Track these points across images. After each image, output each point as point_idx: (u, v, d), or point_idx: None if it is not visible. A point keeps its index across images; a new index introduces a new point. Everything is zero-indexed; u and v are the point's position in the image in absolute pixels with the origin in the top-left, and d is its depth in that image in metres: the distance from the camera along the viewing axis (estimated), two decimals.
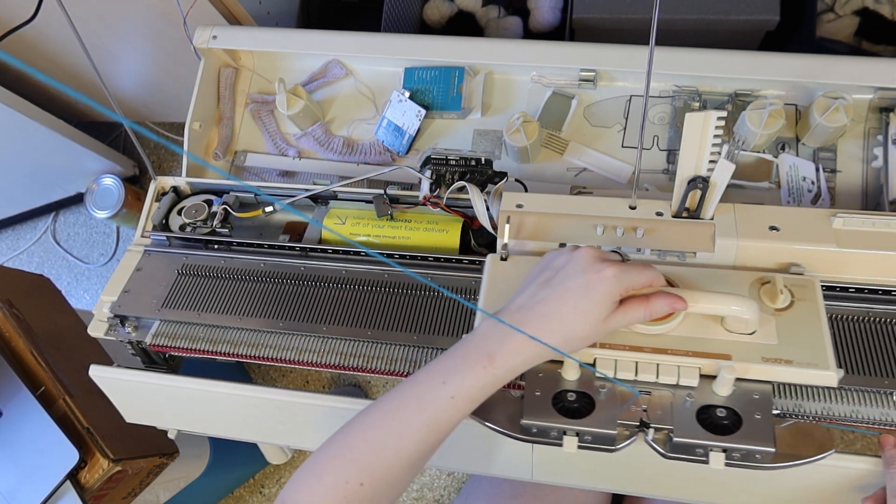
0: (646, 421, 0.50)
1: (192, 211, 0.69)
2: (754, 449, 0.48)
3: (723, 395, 0.50)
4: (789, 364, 0.49)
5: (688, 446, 0.49)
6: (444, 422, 0.47)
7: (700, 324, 0.52)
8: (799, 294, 0.53)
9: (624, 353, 0.51)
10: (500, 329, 0.47)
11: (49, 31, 1.11)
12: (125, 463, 0.83)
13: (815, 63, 0.66)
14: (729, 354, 0.50)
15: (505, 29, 0.99)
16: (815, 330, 0.51)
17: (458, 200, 0.63)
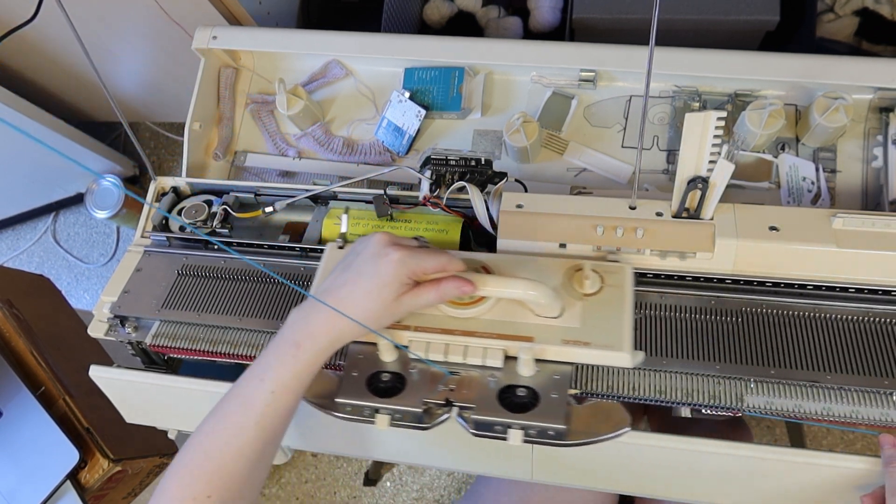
0: (451, 400, 0.52)
1: (192, 211, 0.69)
2: (547, 426, 0.50)
3: (525, 375, 0.53)
4: (587, 346, 0.52)
5: (488, 424, 0.51)
6: (272, 416, 0.49)
7: (510, 309, 0.54)
8: (609, 280, 0.55)
9: (436, 336, 0.54)
10: (303, 316, 0.50)
11: (49, 31, 1.11)
12: (125, 463, 0.83)
13: (815, 63, 0.66)
14: (532, 337, 0.53)
15: (505, 29, 1.00)
16: (617, 314, 0.53)
17: (458, 201, 0.63)
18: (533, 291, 0.51)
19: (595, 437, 0.51)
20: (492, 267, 0.57)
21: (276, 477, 1.31)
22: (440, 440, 0.62)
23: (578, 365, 0.54)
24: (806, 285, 0.56)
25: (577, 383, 0.54)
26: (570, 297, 0.54)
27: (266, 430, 0.49)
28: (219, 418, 0.50)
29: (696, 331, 0.55)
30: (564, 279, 0.56)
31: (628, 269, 0.56)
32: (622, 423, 0.52)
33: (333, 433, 0.65)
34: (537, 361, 0.53)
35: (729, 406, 0.52)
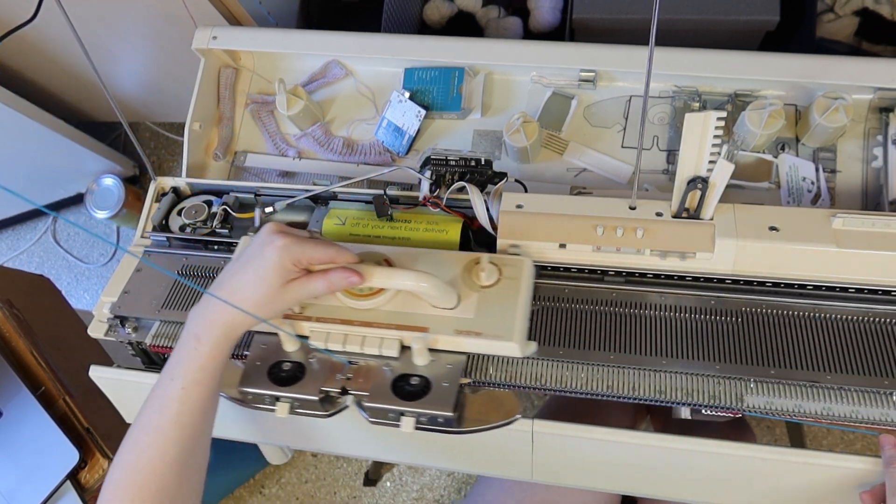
0: (347, 388, 0.54)
1: (192, 211, 0.69)
2: (437, 413, 0.52)
3: (420, 364, 0.54)
4: (478, 336, 0.53)
5: (382, 411, 0.53)
6: (188, 413, 0.50)
7: (408, 301, 0.56)
8: (508, 272, 0.56)
9: (336, 327, 0.55)
10: (201, 310, 0.52)
11: (49, 31, 1.11)
12: None
13: (815, 63, 0.66)
14: (426, 327, 0.54)
15: (505, 29, 0.99)
16: (511, 305, 0.54)
17: (458, 201, 0.63)
18: (424, 283, 0.52)
19: (486, 424, 0.53)
20: (394, 260, 0.58)
21: (276, 477, 1.32)
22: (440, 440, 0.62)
23: (472, 355, 0.56)
24: (806, 285, 0.56)
25: (473, 373, 0.55)
26: (467, 289, 0.56)
27: (185, 428, 0.50)
28: (139, 426, 0.50)
29: (695, 331, 0.55)
30: (464, 272, 0.57)
31: (527, 261, 0.57)
32: (513, 411, 0.54)
33: (333, 433, 0.65)
34: (433, 351, 0.55)
35: (729, 406, 0.52)
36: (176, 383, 0.50)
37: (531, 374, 0.55)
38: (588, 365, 0.55)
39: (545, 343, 0.56)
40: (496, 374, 0.55)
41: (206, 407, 0.51)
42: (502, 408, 0.54)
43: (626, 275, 0.59)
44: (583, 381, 0.54)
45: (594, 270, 0.60)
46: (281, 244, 0.50)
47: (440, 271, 0.56)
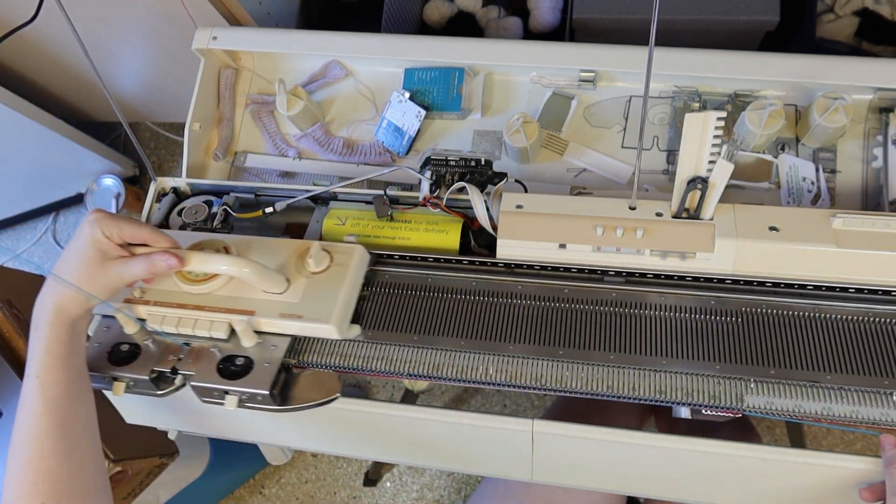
0: (178, 368, 0.58)
1: (192, 212, 0.69)
2: (255, 391, 0.54)
3: (247, 345, 0.57)
4: (300, 318, 0.56)
5: (207, 390, 0.56)
6: (52, 400, 0.51)
7: (241, 286, 0.58)
8: (338, 259, 0.59)
9: (171, 310, 0.58)
10: (37, 303, 0.53)
11: (49, 31, 1.11)
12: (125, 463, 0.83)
13: (815, 63, 0.66)
14: (253, 311, 0.57)
15: (505, 29, 0.99)
16: (335, 290, 0.57)
17: (458, 201, 0.63)
18: (245, 269, 0.55)
19: (307, 402, 0.56)
20: (233, 247, 0.61)
21: (276, 477, 1.32)
22: (440, 440, 0.62)
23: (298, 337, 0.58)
24: (806, 285, 0.56)
25: (299, 354, 0.58)
26: (298, 276, 0.59)
27: (54, 415, 0.51)
28: (14, 431, 0.51)
29: (696, 331, 0.56)
30: (296, 259, 0.60)
31: (359, 249, 0.60)
32: (333, 390, 0.57)
33: (333, 433, 0.65)
34: (261, 334, 0.58)
35: (729, 406, 0.52)
36: (31, 377, 0.51)
37: (531, 374, 0.55)
38: (588, 365, 0.55)
39: (546, 343, 0.56)
40: (496, 375, 0.55)
41: (70, 390, 0.52)
42: (324, 387, 0.57)
43: (626, 275, 0.59)
44: (583, 381, 0.54)
45: (594, 270, 0.60)
46: (92, 218, 0.53)
47: (274, 258, 0.60)
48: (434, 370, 0.57)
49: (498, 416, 0.58)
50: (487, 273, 0.61)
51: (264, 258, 0.59)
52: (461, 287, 0.61)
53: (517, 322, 0.58)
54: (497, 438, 0.59)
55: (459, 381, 0.56)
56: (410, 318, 0.59)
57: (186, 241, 0.62)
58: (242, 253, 0.60)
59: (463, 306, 0.59)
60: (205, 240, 0.62)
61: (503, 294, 0.60)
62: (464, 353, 0.57)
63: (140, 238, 0.55)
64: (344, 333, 0.57)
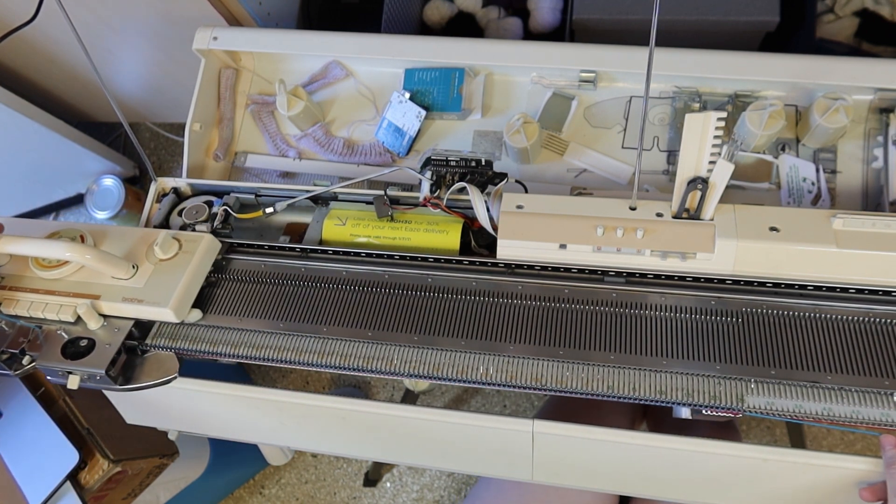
0: (25, 350, 0.60)
1: (193, 212, 0.69)
2: (92, 371, 0.58)
3: (93, 328, 0.60)
4: (140, 303, 0.60)
5: (52, 370, 0.59)
6: None
7: (92, 273, 0.62)
8: (187, 247, 0.63)
9: (24, 295, 0.62)
10: None
11: (49, 31, 1.11)
12: (125, 464, 0.83)
13: (815, 64, 0.66)
14: (99, 295, 0.60)
15: (505, 30, 1.00)
16: (178, 276, 0.61)
17: (459, 201, 0.63)
18: (87, 255, 0.59)
19: (146, 382, 0.60)
20: (88, 235, 0.64)
21: (276, 478, 1.31)
22: (440, 440, 0.62)
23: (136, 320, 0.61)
24: (806, 286, 0.56)
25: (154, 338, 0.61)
26: (147, 263, 0.62)
27: None
28: None
29: (696, 331, 0.56)
30: (147, 247, 0.63)
31: (207, 237, 0.63)
32: (170, 371, 0.61)
33: (333, 434, 0.65)
34: (107, 318, 0.61)
35: (729, 406, 0.52)
36: None
37: (531, 375, 0.55)
38: (588, 365, 0.55)
39: (546, 343, 0.56)
40: (496, 375, 0.55)
41: None
42: (161, 368, 0.61)
43: (627, 275, 0.59)
44: (583, 382, 0.54)
45: (594, 271, 0.60)
46: None
47: (126, 246, 0.63)
48: (434, 370, 0.57)
49: (498, 417, 0.58)
50: (488, 273, 0.61)
51: (116, 246, 0.63)
52: (461, 287, 0.61)
53: (517, 322, 0.58)
54: (497, 439, 0.59)
55: (460, 381, 0.56)
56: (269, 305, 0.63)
57: (48, 228, 0.66)
58: (98, 240, 0.64)
59: (463, 306, 0.59)
60: (63, 228, 0.65)
61: (503, 294, 0.60)
62: (464, 354, 0.57)
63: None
64: (182, 317, 0.60)
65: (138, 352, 0.62)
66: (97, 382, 0.59)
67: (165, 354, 0.61)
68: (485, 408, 1.27)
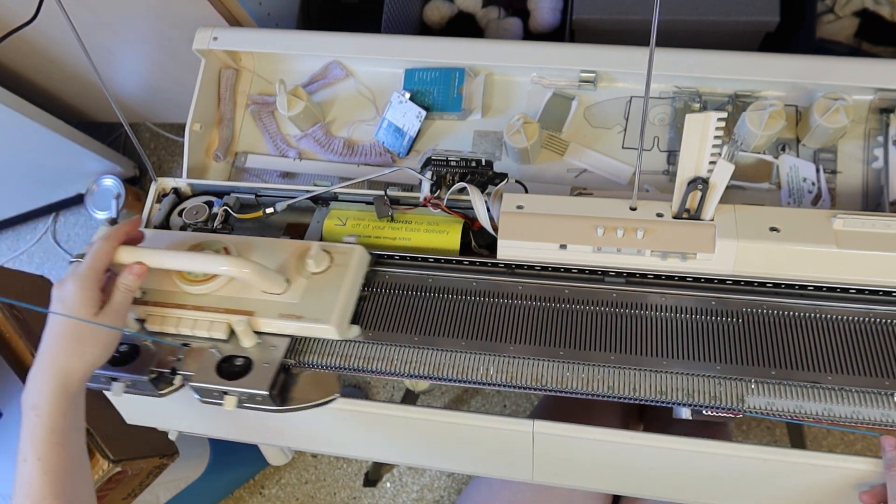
0: (177, 369, 0.57)
1: (193, 212, 0.69)
2: (254, 392, 0.54)
3: (246, 346, 0.57)
4: (299, 319, 0.56)
5: (207, 390, 0.55)
6: (60, 486, 0.49)
7: (241, 286, 0.58)
8: (338, 260, 0.59)
9: (171, 311, 0.59)
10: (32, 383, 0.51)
11: (49, 31, 1.11)
12: (125, 464, 0.83)
13: (815, 64, 0.66)
14: (253, 311, 0.57)
15: (505, 30, 1.00)
16: (335, 290, 0.57)
17: (459, 201, 0.63)
18: (245, 269, 0.55)
19: (305, 403, 0.56)
20: (233, 247, 0.61)
21: (276, 478, 1.31)
22: (440, 440, 0.62)
23: (297, 337, 0.58)
24: (806, 286, 0.56)
25: (298, 355, 0.58)
26: (298, 276, 0.59)
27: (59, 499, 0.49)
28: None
29: (696, 331, 0.56)
30: (296, 260, 0.59)
31: (358, 249, 0.60)
32: (332, 390, 0.57)
33: (333, 434, 0.65)
34: (260, 334, 0.57)
35: (730, 407, 0.52)
36: (30, 459, 0.49)
37: (531, 375, 0.55)
38: (589, 365, 0.55)
39: (545, 344, 0.56)
40: (496, 375, 0.55)
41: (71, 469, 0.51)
42: (321, 388, 0.57)
43: (627, 275, 0.59)
44: (583, 382, 0.54)
45: (595, 271, 0.60)
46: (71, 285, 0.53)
47: (274, 259, 0.60)
48: (435, 370, 0.57)
49: (498, 417, 0.58)
50: (488, 273, 0.61)
51: (264, 259, 0.59)
52: (462, 287, 0.61)
53: (518, 322, 0.58)
54: (497, 439, 0.59)
55: (460, 381, 0.56)
56: (410, 318, 0.59)
57: (188, 241, 0.62)
58: (243, 253, 0.60)
59: (463, 307, 0.59)
60: (205, 240, 0.62)
61: (504, 294, 0.60)
62: (464, 354, 0.57)
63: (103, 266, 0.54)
64: (344, 334, 0.57)
65: (291, 371, 0.58)
66: (257, 403, 0.55)
67: (323, 373, 0.58)
68: (485, 408, 1.27)
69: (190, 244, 0.62)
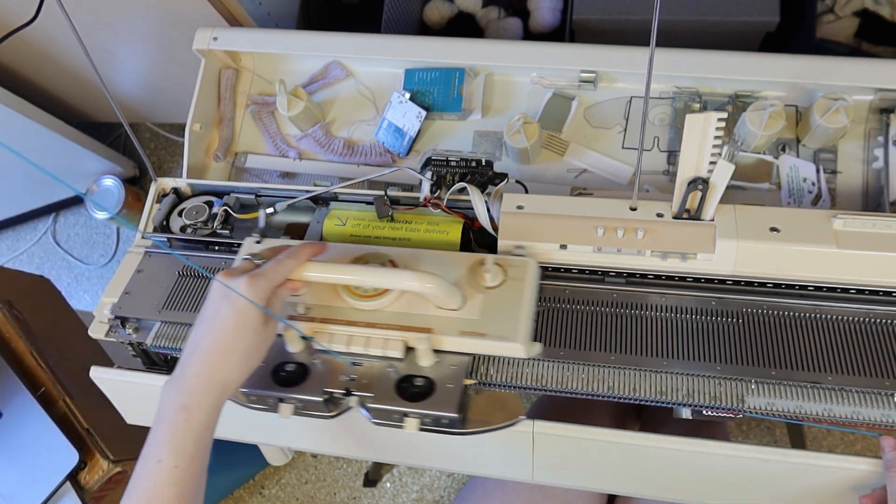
0: (351, 389, 0.54)
1: (193, 212, 0.69)
2: (441, 414, 0.51)
3: (425, 365, 0.54)
4: (482, 337, 0.53)
5: (386, 412, 0.53)
6: (182, 493, 0.45)
7: (413, 302, 0.56)
8: (513, 273, 0.56)
9: (340, 328, 0.55)
10: (179, 383, 0.48)
11: (50, 31, 1.11)
12: (125, 464, 0.83)
13: (815, 64, 0.66)
14: (431, 328, 0.54)
15: (505, 30, 1.00)
16: (515, 306, 0.54)
17: (459, 202, 0.63)
18: (430, 284, 0.52)
19: (490, 425, 0.54)
20: (398, 260, 0.58)
21: (276, 478, 1.31)
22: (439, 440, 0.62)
23: (477, 356, 0.55)
24: (807, 286, 0.56)
25: (476, 374, 0.55)
26: (472, 291, 0.56)
27: (184, 501, 0.46)
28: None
29: (696, 331, 0.55)
30: (468, 273, 0.57)
31: (532, 262, 0.57)
32: (516, 412, 0.54)
33: (333, 434, 0.65)
34: (437, 352, 0.54)
35: (730, 407, 0.52)
36: (165, 465, 0.45)
37: (532, 375, 0.55)
38: (589, 366, 0.55)
39: (546, 344, 0.56)
40: (497, 376, 0.55)
41: (202, 476, 0.47)
42: (505, 409, 0.54)
43: (627, 276, 0.59)
44: (584, 382, 0.54)
45: (595, 271, 0.60)
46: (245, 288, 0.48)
47: (444, 272, 0.56)
48: None
49: None
50: None
51: (435, 272, 0.55)
52: None
53: None
54: (497, 439, 0.59)
55: None
56: None
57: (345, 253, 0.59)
58: (409, 266, 0.57)
59: None
60: (368, 252, 0.59)
61: None
62: None
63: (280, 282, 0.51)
64: (529, 352, 0.54)
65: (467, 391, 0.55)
66: (441, 426, 0.52)
67: (504, 393, 0.55)
68: None
69: (353, 256, 0.58)
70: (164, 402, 0.48)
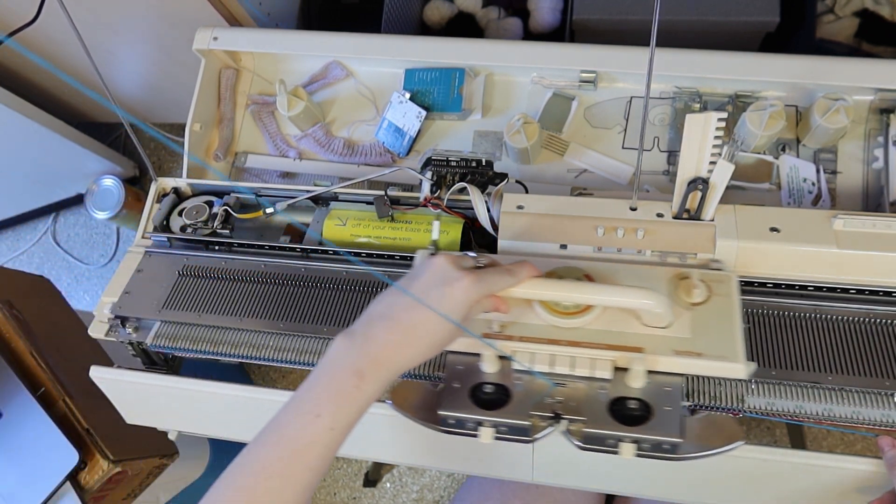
0: (559, 412, 0.50)
1: (193, 212, 0.69)
2: (662, 439, 0.48)
3: (636, 387, 0.51)
4: (699, 357, 0.50)
5: (599, 437, 0.49)
6: (325, 457, 0.43)
7: (616, 318, 0.53)
8: (716, 289, 0.54)
9: (541, 346, 0.52)
10: (359, 343, 0.45)
11: (50, 32, 1.11)
12: (125, 464, 0.83)
13: (816, 64, 0.66)
14: (642, 347, 0.51)
15: (505, 30, 1.00)
16: (727, 323, 0.52)
17: (459, 202, 0.63)
18: (649, 301, 0.49)
19: (708, 450, 0.50)
20: (594, 275, 0.55)
21: None
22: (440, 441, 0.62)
23: (687, 377, 0.52)
24: (806, 286, 0.56)
25: (688, 395, 0.52)
26: (677, 307, 0.53)
27: (317, 474, 0.43)
28: (261, 467, 0.42)
29: None
30: (670, 288, 0.54)
31: (734, 277, 0.54)
32: (735, 436, 0.51)
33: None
34: (647, 373, 0.51)
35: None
36: (323, 422, 0.42)
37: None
38: None
39: None
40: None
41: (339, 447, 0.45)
42: (723, 432, 0.51)
43: None
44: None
45: None
46: (467, 284, 0.46)
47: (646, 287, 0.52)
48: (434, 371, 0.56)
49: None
50: None
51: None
52: None
53: None
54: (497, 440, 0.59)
55: None
56: None
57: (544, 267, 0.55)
58: (605, 280, 0.54)
59: None
60: (560, 267, 0.56)
61: None
62: None
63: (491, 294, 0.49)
64: (748, 372, 0.51)
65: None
66: (663, 452, 0.49)
67: (720, 416, 0.52)
68: None
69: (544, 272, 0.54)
70: (339, 356, 0.45)
